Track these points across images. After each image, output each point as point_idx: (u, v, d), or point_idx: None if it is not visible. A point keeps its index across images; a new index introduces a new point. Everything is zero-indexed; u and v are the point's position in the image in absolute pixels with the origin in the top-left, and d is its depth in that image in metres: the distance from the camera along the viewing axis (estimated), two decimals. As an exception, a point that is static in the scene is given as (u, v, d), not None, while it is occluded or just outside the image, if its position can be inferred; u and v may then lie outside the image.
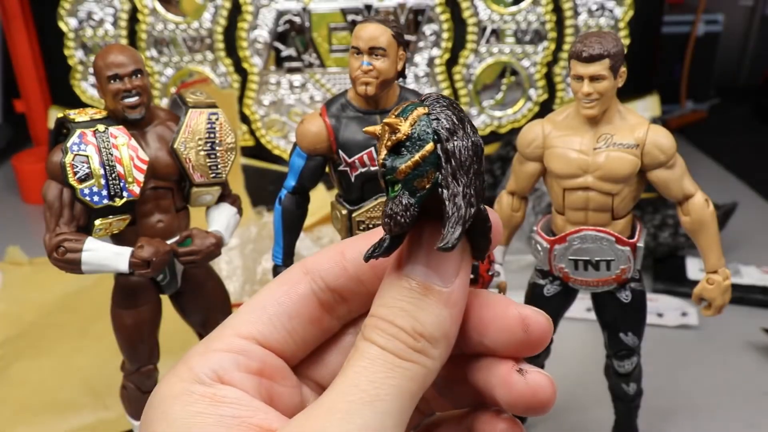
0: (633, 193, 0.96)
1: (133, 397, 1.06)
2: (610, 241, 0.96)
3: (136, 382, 1.05)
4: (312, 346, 0.37)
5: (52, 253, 0.90)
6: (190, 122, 0.96)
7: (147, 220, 0.97)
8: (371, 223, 0.97)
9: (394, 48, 0.91)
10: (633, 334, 1.04)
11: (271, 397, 0.34)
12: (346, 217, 0.98)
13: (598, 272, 0.98)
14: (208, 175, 0.97)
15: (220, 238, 0.98)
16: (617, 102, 0.94)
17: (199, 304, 1.07)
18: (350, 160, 0.94)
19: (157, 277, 1.00)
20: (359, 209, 0.97)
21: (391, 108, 0.95)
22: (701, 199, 0.97)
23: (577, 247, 0.97)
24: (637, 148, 0.92)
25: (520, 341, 0.35)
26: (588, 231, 0.96)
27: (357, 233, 0.98)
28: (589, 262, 0.97)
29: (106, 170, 0.89)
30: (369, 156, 0.94)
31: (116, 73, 0.90)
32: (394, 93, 0.96)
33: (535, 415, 0.34)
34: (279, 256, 1.00)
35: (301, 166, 0.96)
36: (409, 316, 0.32)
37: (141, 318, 1.01)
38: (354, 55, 0.91)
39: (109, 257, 0.91)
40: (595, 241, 0.96)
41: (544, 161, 0.97)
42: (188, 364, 0.33)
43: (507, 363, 0.35)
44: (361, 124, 0.94)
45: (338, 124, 0.94)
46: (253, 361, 0.34)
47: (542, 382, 0.34)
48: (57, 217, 0.90)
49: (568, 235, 0.97)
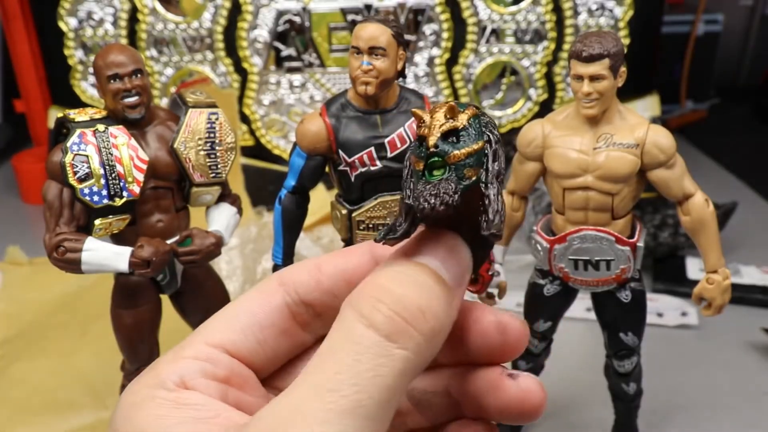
0: (633, 192, 0.96)
1: None
2: (610, 241, 0.96)
3: None
4: (283, 358, 0.36)
5: (52, 253, 0.90)
6: (190, 122, 0.96)
7: (147, 219, 0.97)
8: (371, 223, 0.97)
9: (394, 48, 0.91)
10: (633, 333, 1.04)
11: (238, 405, 0.33)
12: (346, 217, 0.98)
13: (598, 272, 0.98)
14: (207, 175, 0.97)
15: (219, 238, 0.98)
16: (617, 102, 0.94)
17: (198, 303, 1.07)
18: (350, 160, 0.95)
19: (157, 277, 1.00)
20: (359, 209, 0.97)
21: (391, 107, 0.95)
22: (701, 198, 0.97)
23: (577, 246, 0.97)
24: (637, 147, 0.92)
25: (498, 346, 0.34)
26: (588, 231, 0.96)
27: (357, 233, 0.98)
28: (589, 261, 0.97)
29: (106, 170, 0.89)
30: (369, 156, 0.94)
31: (116, 72, 0.90)
32: (394, 93, 0.96)
33: (526, 421, 0.34)
34: (279, 256, 1.00)
35: (301, 165, 0.96)
36: (418, 297, 0.31)
37: (141, 318, 1.01)
38: (354, 55, 0.92)
39: (109, 257, 0.91)
40: (595, 240, 0.96)
41: (544, 161, 0.97)
42: (156, 371, 0.34)
43: (496, 369, 0.35)
44: (360, 124, 0.94)
45: (338, 123, 0.95)
46: (219, 369, 0.33)
47: (533, 386, 0.34)
48: (57, 217, 0.90)
49: (568, 234, 0.97)
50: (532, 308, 1.08)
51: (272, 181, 2.05)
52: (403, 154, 0.93)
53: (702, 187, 0.99)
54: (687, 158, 0.98)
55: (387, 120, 0.95)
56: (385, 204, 0.96)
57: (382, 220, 0.97)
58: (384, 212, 0.96)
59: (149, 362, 1.04)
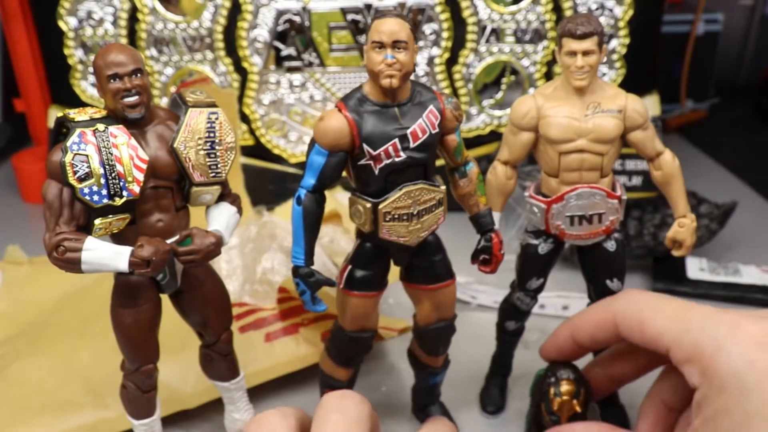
0: (616, 153, 1.11)
1: (133, 396, 1.06)
2: (602, 195, 1.09)
3: (136, 381, 1.05)
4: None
5: (52, 253, 0.90)
6: (190, 122, 0.95)
7: (147, 219, 0.96)
8: (396, 214, 0.98)
9: (412, 41, 0.94)
10: (618, 279, 1.16)
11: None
12: (371, 210, 0.98)
13: (591, 225, 1.11)
14: (207, 175, 0.97)
15: (219, 238, 0.98)
16: (597, 76, 1.09)
17: (198, 303, 1.07)
18: (375, 153, 0.95)
19: (156, 277, 1.00)
20: (384, 201, 0.98)
21: (406, 100, 0.98)
22: (670, 155, 1.12)
23: (574, 203, 1.10)
24: (620, 113, 1.07)
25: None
26: (583, 188, 1.09)
27: (383, 224, 0.99)
28: (584, 216, 1.10)
29: (106, 169, 0.89)
30: (393, 147, 0.96)
31: (116, 72, 0.89)
32: (407, 86, 0.98)
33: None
34: (301, 257, 1.00)
35: (322, 163, 0.96)
36: None
37: (141, 317, 1.00)
38: (375, 50, 0.93)
39: (109, 256, 0.91)
40: (590, 196, 1.09)
41: (539, 130, 1.10)
42: None
43: None
44: (380, 117, 0.95)
45: (359, 118, 0.95)
46: None
47: None
48: (57, 217, 0.90)
49: (566, 194, 1.09)
50: (527, 268, 1.18)
51: (272, 181, 2.06)
52: (423, 144, 0.98)
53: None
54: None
55: (404, 112, 0.97)
56: (410, 194, 0.98)
57: (407, 209, 0.98)
58: (409, 201, 0.98)
59: (149, 361, 1.05)
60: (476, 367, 1.34)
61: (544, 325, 1.47)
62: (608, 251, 1.14)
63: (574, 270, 1.36)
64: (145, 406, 1.07)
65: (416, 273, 1.08)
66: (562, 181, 1.10)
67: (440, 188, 1.02)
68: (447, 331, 1.13)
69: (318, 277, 1.00)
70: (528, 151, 1.14)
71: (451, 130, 1.03)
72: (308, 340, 1.38)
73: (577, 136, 1.07)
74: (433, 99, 0.99)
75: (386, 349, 1.46)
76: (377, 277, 1.06)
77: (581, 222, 1.11)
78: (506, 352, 1.29)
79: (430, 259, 1.07)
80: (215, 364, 1.14)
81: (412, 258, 1.06)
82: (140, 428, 1.09)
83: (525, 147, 1.13)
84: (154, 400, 1.08)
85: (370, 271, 1.05)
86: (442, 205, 1.03)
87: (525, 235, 1.18)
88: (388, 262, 1.07)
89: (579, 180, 1.09)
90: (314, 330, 1.40)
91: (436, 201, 1.01)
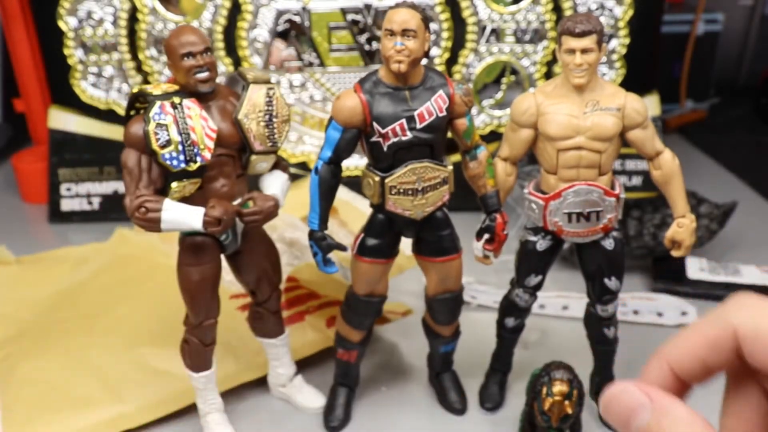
0: (615, 151, 1.10)
1: (195, 350, 1.14)
2: (600, 193, 1.09)
3: (199, 335, 1.14)
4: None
5: (135, 213, 0.99)
6: (252, 96, 1.06)
7: (212, 184, 1.07)
8: (401, 188, 1.07)
9: (422, 30, 1.02)
10: (616, 278, 1.16)
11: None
12: (379, 184, 1.08)
13: (589, 222, 1.11)
14: (266, 144, 1.07)
15: (277, 200, 1.09)
16: (597, 74, 1.09)
17: (256, 261, 1.16)
18: (384, 131, 1.05)
19: (220, 237, 1.10)
20: (391, 176, 1.07)
21: (417, 84, 1.06)
22: (669, 154, 1.12)
23: (571, 200, 1.10)
24: (619, 111, 1.07)
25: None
26: (581, 185, 1.09)
27: (389, 197, 1.08)
28: (581, 214, 1.10)
29: (183, 138, 1.00)
30: (401, 127, 1.04)
31: (190, 51, 1.02)
32: (420, 71, 1.06)
33: None
34: (316, 222, 1.10)
35: (337, 138, 1.06)
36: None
37: (206, 274, 1.10)
38: (387, 37, 1.02)
39: (185, 215, 1.01)
40: (587, 194, 1.09)
41: (538, 127, 1.10)
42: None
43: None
44: (392, 99, 1.05)
45: (372, 99, 1.05)
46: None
47: None
48: (137, 181, 1.00)
49: (563, 190, 1.10)
50: (525, 264, 1.19)
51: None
52: (430, 126, 1.05)
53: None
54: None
55: (415, 95, 1.05)
56: (414, 170, 1.07)
57: (412, 185, 1.07)
58: (414, 177, 1.07)
59: (211, 317, 1.14)
60: (476, 367, 1.34)
61: (544, 325, 1.47)
62: (606, 249, 1.15)
63: (574, 270, 1.36)
64: (205, 358, 1.16)
65: (425, 246, 1.17)
66: (561, 178, 1.11)
67: (446, 168, 1.09)
68: (453, 303, 1.21)
69: (329, 241, 1.10)
70: (527, 148, 1.14)
71: (461, 115, 1.10)
72: (314, 326, 1.41)
73: (575, 133, 1.07)
74: (444, 84, 1.07)
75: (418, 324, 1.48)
76: (386, 247, 1.15)
77: (579, 219, 1.11)
78: (506, 349, 1.30)
79: (438, 233, 1.15)
80: (265, 321, 1.23)
81: (421, 231, 1.15)
82: (200, 380, 1.17)
83: (525, 144, 1.13)
84: (212, 354, 1.17)
85: (380, 240, 1.14)
86: (447, 184, 1.11)
87: (524, 231, 1.19)
88: (398, 233, 1.15)
89: (577, 177, 1.10)
90: (320, 317, 1.43)
91: (441, 179, 1.09)
